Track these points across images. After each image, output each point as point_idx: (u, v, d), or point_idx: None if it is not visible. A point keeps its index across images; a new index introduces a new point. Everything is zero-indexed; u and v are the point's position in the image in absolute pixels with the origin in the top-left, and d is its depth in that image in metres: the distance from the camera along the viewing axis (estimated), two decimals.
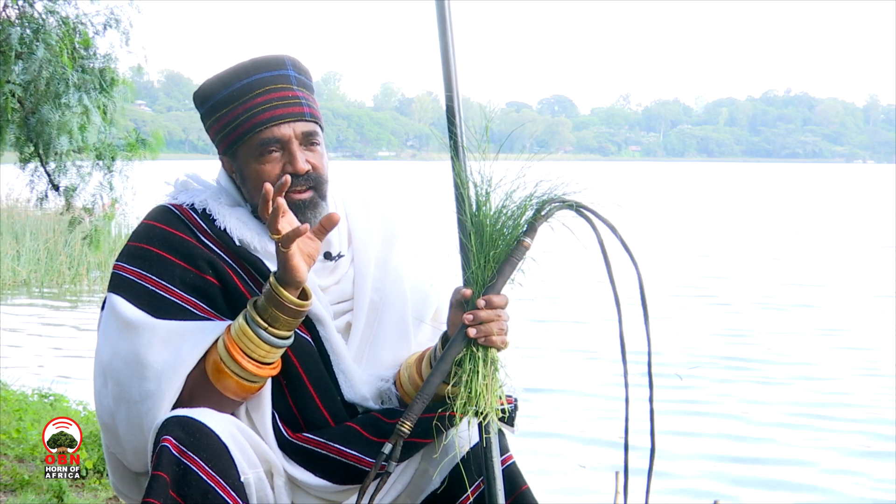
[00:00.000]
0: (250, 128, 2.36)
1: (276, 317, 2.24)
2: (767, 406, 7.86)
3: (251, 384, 2.27)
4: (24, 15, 5.62)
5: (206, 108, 2.44)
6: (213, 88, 2.42)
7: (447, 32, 2.36)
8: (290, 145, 2.37)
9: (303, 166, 2.36)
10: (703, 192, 51.75)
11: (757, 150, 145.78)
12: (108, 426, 2.33)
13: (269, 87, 2.38)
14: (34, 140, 5.76)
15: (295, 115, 2.38)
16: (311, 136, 2.39)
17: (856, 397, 8.20)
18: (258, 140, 2.36)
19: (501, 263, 2.26)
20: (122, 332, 2.29)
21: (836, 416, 7.57)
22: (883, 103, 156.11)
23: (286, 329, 2.26)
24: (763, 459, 6.48)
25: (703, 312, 12.58)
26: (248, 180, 2.39)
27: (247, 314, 2.25)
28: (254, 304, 2.26)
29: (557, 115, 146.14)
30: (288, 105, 2.38)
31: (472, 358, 2.24)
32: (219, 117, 2.41)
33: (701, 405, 7.82)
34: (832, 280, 16.12)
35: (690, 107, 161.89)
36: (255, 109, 2.37)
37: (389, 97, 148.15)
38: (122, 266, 2.35)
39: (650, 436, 2.28)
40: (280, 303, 2.23)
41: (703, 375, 8.84)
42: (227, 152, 2.42)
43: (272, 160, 2.36)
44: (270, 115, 2.36)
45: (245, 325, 2.24)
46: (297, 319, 2.26)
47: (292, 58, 2.46)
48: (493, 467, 2.27)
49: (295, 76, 2.43)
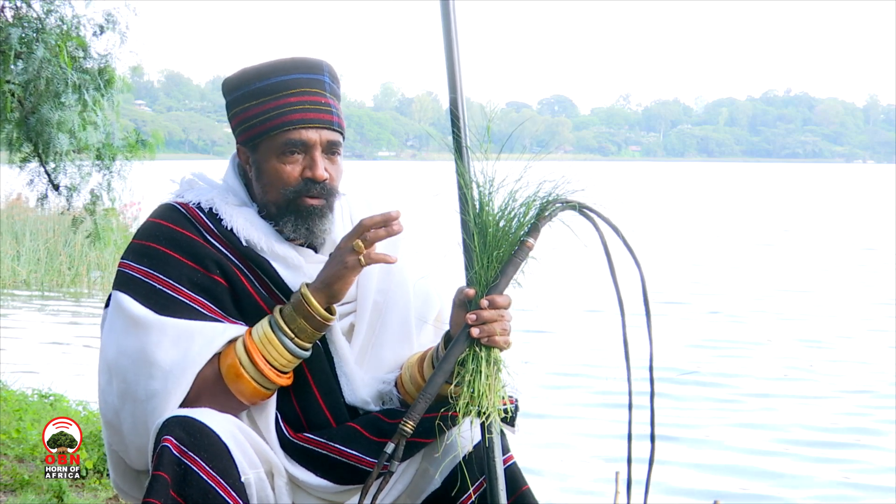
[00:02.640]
0: (279, 125, 2.36)
1: (303, 328, 2.27)
2: (767, 407, 7.85)
3: (266, 390, 2.29)
4: (23, 15, 5.62)
5: (236, 96, 2.43)
6: (247, 78, 2.42)
7: (451, 32, 2.36)
8: (314, 151, 2.37)
9: (322, 174, 2.37)
10: (703, 192, 51.76)
11: (757, 150, 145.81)
12: (112, 424, 2.33)
13: (305, 90, 2.39)
14: (34, 140, 5.76)
15: (324, 122, 2.38)
16: (334, 146, 2.40)
17: (856, 397, 8.19)
18: (284, 139, 2.36)
19: (505, 264, 2.26)
20: (129, 329, 2.28)
21: (836, 416, 7.57)
22: (883, 103, 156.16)
23: (308, 340, 2.29)
24: (763, 460, 6.47)
25: (703, 313, 12.57)
26: (264, 175, 2.39)
27: (272, 321, 2.26)
28: (280, 311, 2.27)
29: (557, 115, 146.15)
30: (319, 111, 2.38)
31: (475, 358, 2.24)
32: (247, 107, 2.40)
33: (701, 405, 7.82)
34: (832, 280, 16.12)
35: (690, 107, 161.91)
36: (287, 108, 2.37)
37: (389, 97, 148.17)
38: (128, 264, 2.35)
39: (650, 437, 2.28)
40: (310, 314, 2.26)
41: (703, 374, 8.84)
42: (247, 143, 2.42)
43: (293, 161, 2.37)
44: (301, 116, 2.36)
45: (271, 333, 2.26)
46: (321, 332, 2.30)
47: (329, 65, 2.46)
48: (495, 468, 2.27)
49: (329, 83, 2.43)
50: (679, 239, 23.46)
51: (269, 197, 2.38)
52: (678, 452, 6.43)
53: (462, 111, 2.33)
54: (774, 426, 7.27)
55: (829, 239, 24.16)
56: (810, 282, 15.83)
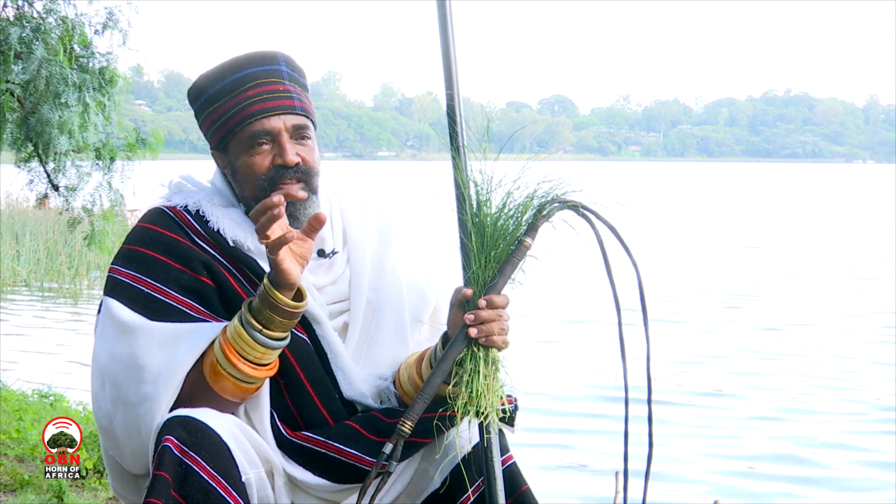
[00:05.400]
0: (240, 120, 2.36)
1: (270, 319, 2.23)
2: (768, 406, 7.85)
3: (248, 385, 2.27)
4: (24, 15, 5.62)
5: (199, 104, 2.44)
6: (205, 83, 2.42)
7: (448, 31, 2.36)
8: (280, 138, 2.36)
9: (292, 158, 2.35)
10: (703, 192, 51.73)
11: (757, 150, 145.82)
12: (107, 429, 2.33)
13: (261, 81, 2.38)
14: (34, 140, 5.75)
15: (285, 107, 2.37)
16: (301, 129, 2.39)
17: (856, 398, 8.19)
18: (248, 132, 2.36)
19: (502, 263, 2.25)
20: (119, 335, 2.29)
21: (837, 417, 7.57)
22: (883, 103, 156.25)
23: (281, 330, 2.25)
24: (763, 459, 6.47)
25: (703, 312, 12.56)
26: (238, 173, 2.39)
27: (241, 316, 2.25)
28: (248, 305, 2.25)
29: (557, 115, 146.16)
30: (278, 98, 2.38)
31: (473, 358, 2.24)
32: (211, 112, 2.41)
33: (701, 405, 7.81)
34: (832, 281, 16.12)
35: (690, 107, 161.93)
36: (246, 102, 2.36)
37: (389, 97, 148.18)
38: (117, 269, 2.36)
39: (648, 437, 2.28)
40: (274, 305, 2.22)
41: (702, 375, 8.84)
42: (218, 147, 2.42)
43: (262, 152, 2.36)
44: (261, 107, 2.36)
45: (240, 327, 2.24)
46: (293, 321, 2.26)
47: (285, 54, 2.46)
48: (493, 468, 2.26)
49: (287, 72, 2.43)
50: (678, 239, 23.44)
51: (248, 192, 2.38)
52: (678, 452, 6.43)
53: (458, 109, 2.32)
54: (775, 426, 7.27)
55: (828, 239, 24.14)
56: (809, 282, 15.83)
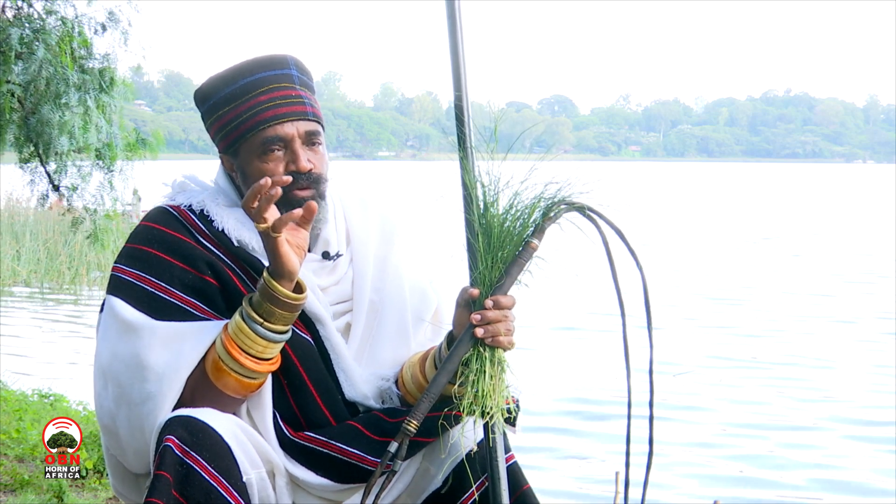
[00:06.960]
0: (253, 126, 2.35)
1: (271, 311, 2.23)
2: (767, 406, 7.85)
3: (251, 381, 2.27)
4: (24, 15, 5.61)
5: (207, 107, 2.43)
6: (214, 86, 2.41)
7: (457, 33, 2.35)
8: (293, 144, 2.36)
9: (306, 165, 2.35)
10: (703, 192, 51.74)
11: (757, 150, 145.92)
12: (109, 428, 2.32)
13: (273, 86, 2.38)
14: (34, 140, 5.75)
15: (298, 114, 2.37)
16: (313, 135, 2.39)
17: (856, 397, 8.20)
18: (261, 138, 2.35)
19: (509, 264, 2.25)
20: (122, 334, 2.28)
21: (837, 417, 7.57)
22: (883, 103, 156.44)
23: (282, 324, 2.25)
24: (764, 459, 6.47)
25: (703, 312, 12.57)
26: (249, 178, 2.37)
27: (242, 310, 2.25)
28: (249, 299, 2.25)
29: (557, 115, 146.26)
30: (291, 104, 2.37)
31: (479, 358, 2.24)
32: (220, 115, 2.40)
33: (700, 405, 7.81)
34: (831, 280, 16.12)
35: (690, 107, 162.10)
36: (258, 108, 2.36)
37: (389, 97, 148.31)
38: (120, 268, 2.35)
39: (649, 438, 2.27)
40: (274, 297, 2.22)
41: (701, 376, 8.84)
42: (227, 150, 2.41)
43: (275, 159, 2.35)
44: (274, 113, 2.35)
45: (241, 322, 2.24)
46: (293, 314, 2.26)
47: (295, 58, 2.45)
48: (498, 468, 2.26)
49: (298, 76, 2.42)
50: (678, 239, 23.45)
51: None
52: (678, 452, 6.43)
53: (466, 110, 2.32)
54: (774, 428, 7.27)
55: (828, 239, 24.15)
56: (810, 283, 15.84)
